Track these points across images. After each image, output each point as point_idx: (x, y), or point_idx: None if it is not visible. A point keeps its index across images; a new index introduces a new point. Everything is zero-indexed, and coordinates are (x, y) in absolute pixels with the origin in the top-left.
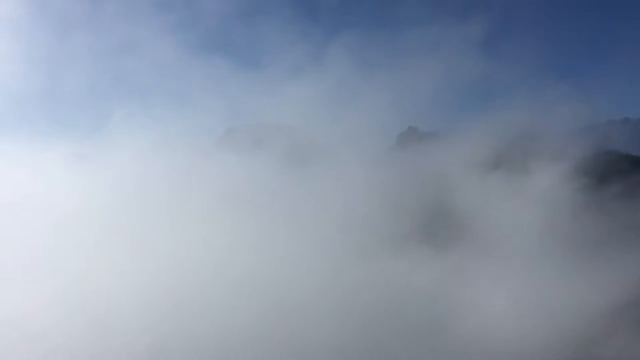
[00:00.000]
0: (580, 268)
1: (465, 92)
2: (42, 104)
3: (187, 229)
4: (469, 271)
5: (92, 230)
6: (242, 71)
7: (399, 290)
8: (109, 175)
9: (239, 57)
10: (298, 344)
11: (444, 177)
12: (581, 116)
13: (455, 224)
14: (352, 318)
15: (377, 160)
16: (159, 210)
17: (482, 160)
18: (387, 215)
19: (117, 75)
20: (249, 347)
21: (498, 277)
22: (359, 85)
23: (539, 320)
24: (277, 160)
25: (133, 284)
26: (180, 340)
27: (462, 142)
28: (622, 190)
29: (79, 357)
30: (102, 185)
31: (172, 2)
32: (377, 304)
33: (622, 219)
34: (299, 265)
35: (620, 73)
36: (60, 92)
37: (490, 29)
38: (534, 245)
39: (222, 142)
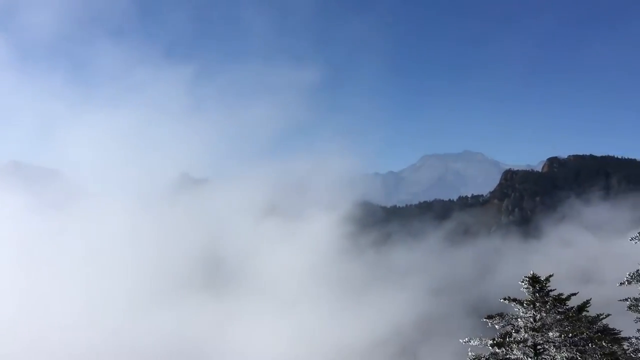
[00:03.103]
0: (344, 309)
1: (240, 139)
2: None
3: None
4: (245, 315)
5: None
6: (39, 95)
7: (176, 337)
8: None
9: (46, 79)
10: None
11: (219, 223)
12: (346, 169)
13: (231, 269)
14: None
15: (148, 206)
16: None
17: (256, 206)
18: (162, 262)
19: None
20: None
21: (271, 319)
22: (143, 129)
23: (310, 358)
24: (37, 203)
25: None
26: None
27: (235, 188)
28: (378, 237)
29: None
30: None
31: None
32: (152, 353)
33: (379, 264)
34: (69, 313)
35: (371, 131)
36: None
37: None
38: (304, 289)
39: None
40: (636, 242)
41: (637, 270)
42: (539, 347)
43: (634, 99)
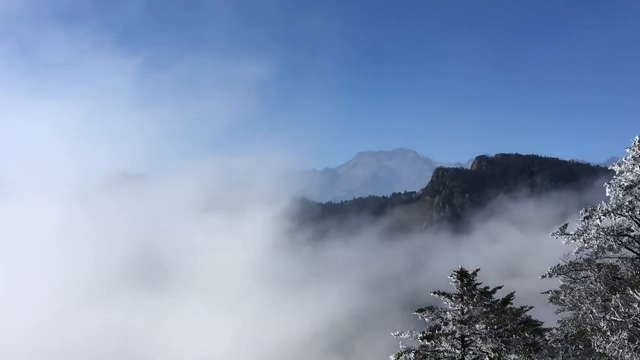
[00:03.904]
0: (282, 304)
1: (186, 133)
2: None
3: None
4: (183, 312)
5: None
6: None
7: (113, 335)
8: None
9: None
10: None
11: (157, 219)
12: (285, 165)
13: (169, 266)
14: None
15: (81, 202)
16: None
17: (195, 202)
18: (97, 260)
19: None
20: None
21: (209, 316)
22: (86, 121)
23: (248, 354)
24: None
25: None
26: None
27: (175, 184)
28: (315, 233)
29: None
30: None
31: None
32: (88, 352)
33: (316, 260)
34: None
35: (311, 128)
36: None
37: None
38: (243, 285)
39: None
40: (557, 238)
41: (558, 264)
42: (466, 338)
43: (557, 101)
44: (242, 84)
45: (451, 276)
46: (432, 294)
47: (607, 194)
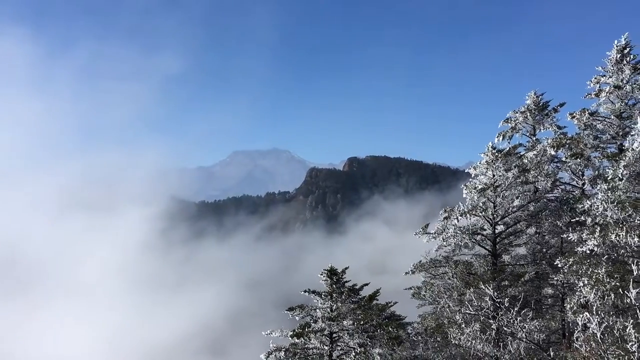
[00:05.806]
0: (155, 306)
1: (57, 128)
2: None
3: None
4: (42, 318)
5: None
6: None
7: None
8: None
9: None
10: None
11: (16, 219)
12: (156, 163)
13: (30, 269)
14: None
15: None
16: None
17: (60, 201)
18: None
19: None
20: None
21: (74, 321)
22: None
23: (115, 357)
24: None
25: None
26: None
27: (35, 181)
28: (190, 232)
29: None
30: None
31: None
32: None
33: (191, 260)
34: None
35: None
36: None
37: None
38: (112, 287)
39: None
40: (419, 237)
41: (420, 261)
42: (334, 335)
43: (425, 105)
44: (136, 80)
45: (321, 274)
46: (303, 292)
47: (464, 196)
